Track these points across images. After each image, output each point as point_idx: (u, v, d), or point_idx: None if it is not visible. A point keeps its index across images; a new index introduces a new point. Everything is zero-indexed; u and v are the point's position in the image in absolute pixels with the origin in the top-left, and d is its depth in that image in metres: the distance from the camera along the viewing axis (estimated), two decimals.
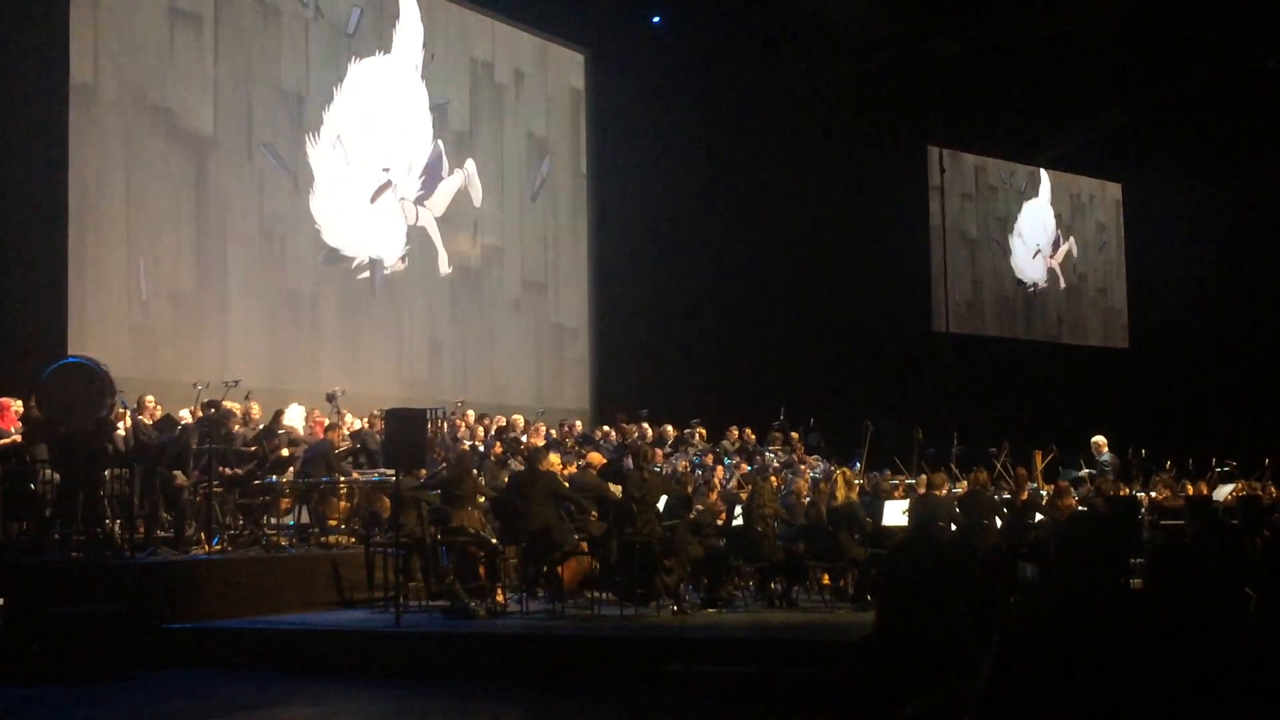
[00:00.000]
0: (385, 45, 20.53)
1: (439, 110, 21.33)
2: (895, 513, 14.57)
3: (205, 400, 14.55)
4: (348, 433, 15.90)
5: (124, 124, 16.89)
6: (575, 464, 15.63)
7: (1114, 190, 31.86)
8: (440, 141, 21.30)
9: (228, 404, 14.74)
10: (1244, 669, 2.98)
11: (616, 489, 13.32)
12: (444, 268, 21.22)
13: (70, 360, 13.19)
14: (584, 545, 13.06)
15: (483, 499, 13.43)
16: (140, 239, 16.98)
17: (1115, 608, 2.16)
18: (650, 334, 23.29)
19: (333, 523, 14.53)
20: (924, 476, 16.42)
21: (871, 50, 24.39)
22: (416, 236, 20.80)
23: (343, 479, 14.49)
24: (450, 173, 21.43)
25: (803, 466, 18.65)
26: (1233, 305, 27.94)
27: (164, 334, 17.13)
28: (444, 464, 13.99)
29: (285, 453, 14.66)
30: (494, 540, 13.01)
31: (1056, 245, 30.92)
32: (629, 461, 15.13)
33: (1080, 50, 24.99)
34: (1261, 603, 3.15)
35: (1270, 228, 27.66)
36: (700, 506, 14.46)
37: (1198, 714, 2.79)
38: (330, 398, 16.45)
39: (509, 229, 22.56)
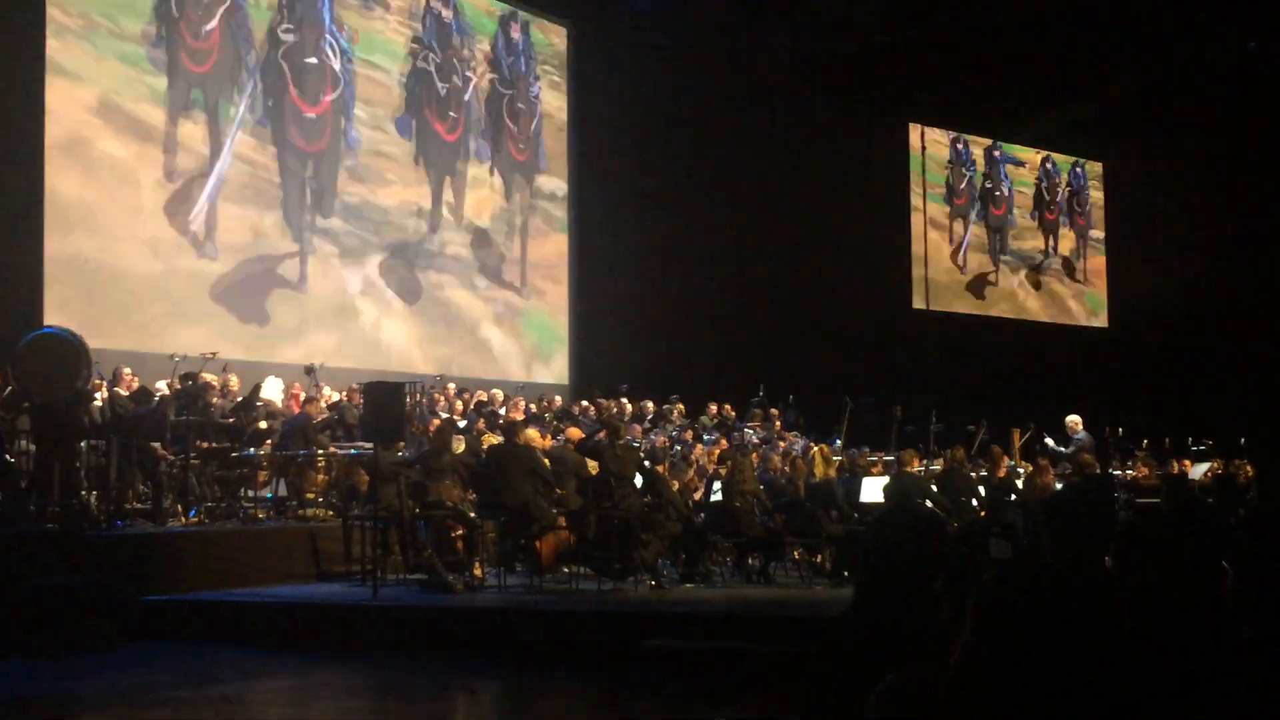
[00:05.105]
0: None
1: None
2: (873, 489, 14.60)
3: (183, 372, 14.51)
4: (325, 406, 15.86)
5: (100, 86, 16.80)
6: (551, 437, 15.62)
7: (1095, 169, 31.92)
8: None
9: (205, 376, 14.69)
10: (1216, 647, 3.00)
11: (592, 465, 13.33)
12: (425, 242, 21.16)
13: (46, 331, 13.12)
14: (562, 520, 13.07)
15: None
16: (118, 209, 16.89)
17: (1086, 584, 2.16)
18: (630, 309, 23.26)
19: (310, 496, 14.50)
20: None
21: (854, 28, 24.34)
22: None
23: (320, 452, 14.46)
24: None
25: (781, 443, 18.68)
26: (1212, 285, 28.04)
27: (141, 305, 17.04)
28: (425, 438, 13.97)
29: (263, 425, 14.63)
30: (472, 514, 13.01)
31: (1038, 223, 30.99)
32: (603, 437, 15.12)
33: (1064, 29, 25.00)
34: (1236, 581, 3.16)
35: (1251, 208, 27.75)
36: (676, 483, 14.46)
37: (1170, 691, 2.80)
38: (308, 371, 16.40)
39: (490, 205, 22.49)
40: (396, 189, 20.80)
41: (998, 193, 30.12)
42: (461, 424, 16.24)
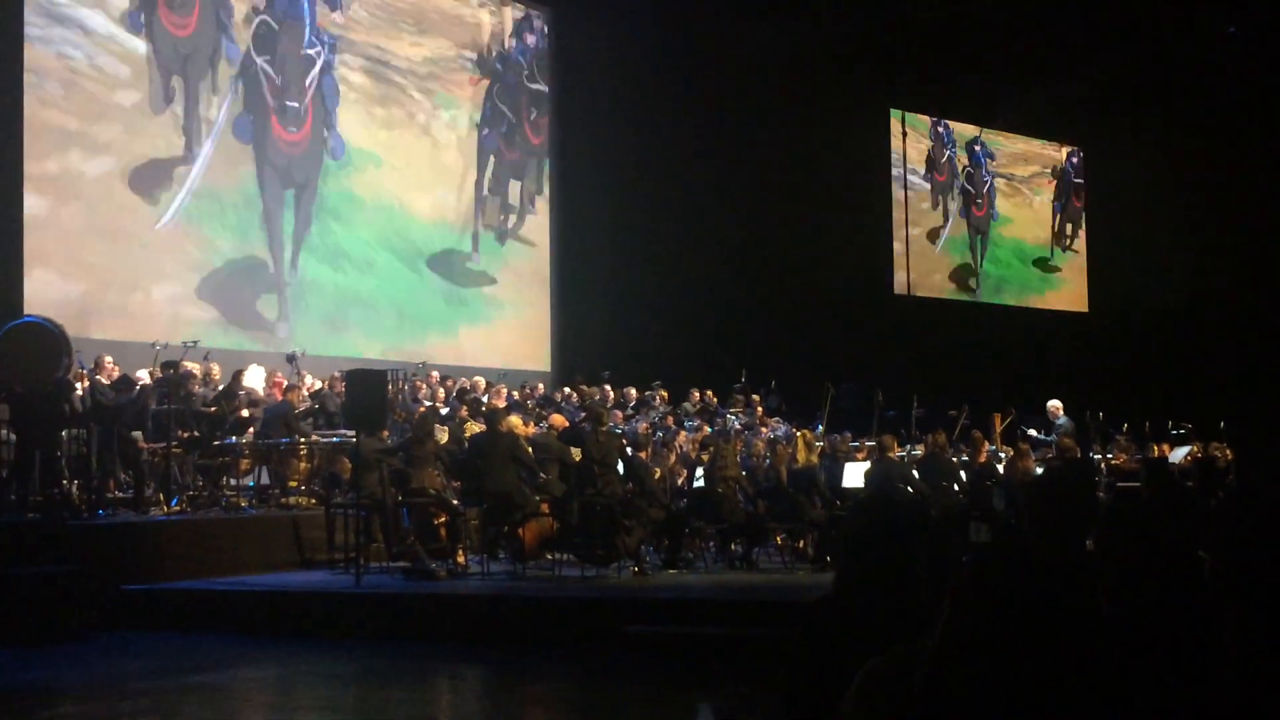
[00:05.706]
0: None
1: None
2: (854, 475, 14.62)
3: (164, 361, 14.47)
4: (307, 394, 15.83)
5: (79, 75, 16.71)
6: (534, 424, 15.61)
7: (1073, 155, 31.98)
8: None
9: (187, 365, 14.65)
10: (1196, 631, 3.01)
11: (576, 452, 13.33)
12: (408, 230, 21.13)
13: (26, 320, 13.07)
14: (545, 507, 13.07)
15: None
16: (98, 198, 16.83)
17: (1067, 568, 2.17)
18: (612, 296, 23.25)
19: (293, 484, 14.49)
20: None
21: (835, 13, 24.31)
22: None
23: (303, 440, 14.43)
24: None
25: (763, 428, 18.69)
26: (1191, 270, 28.14)
27: (122, 294, 16.98)
28: (408, 426, 13.96)
29: (245, 413, 14.59)
30: (455, 502, 13.01)
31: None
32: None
33: (1042, 14, 25.02)
34: (1215, 564, 3.18)
35: (1229, 193, 27.83)
36: (658, 469, 14.47)
37: (1149, 675, 2.82)
38: (290, 359, 16.38)
39: (471, 192, 22.46)
40: (381, 182, 20.77)
41: (979, 193, 30.14)
42: (444, 411, 16.22)
